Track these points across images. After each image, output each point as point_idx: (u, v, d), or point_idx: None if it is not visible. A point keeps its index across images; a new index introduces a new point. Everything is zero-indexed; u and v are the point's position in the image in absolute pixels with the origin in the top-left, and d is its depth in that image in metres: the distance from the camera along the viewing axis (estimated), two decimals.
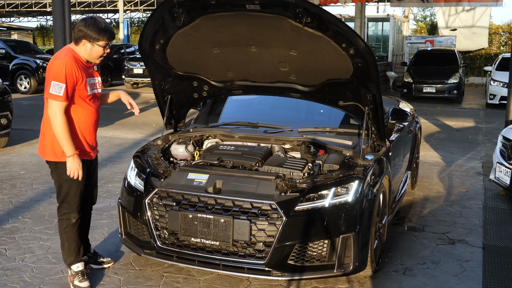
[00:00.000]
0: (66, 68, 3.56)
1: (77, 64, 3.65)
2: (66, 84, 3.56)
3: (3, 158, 8.05)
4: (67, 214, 3.81)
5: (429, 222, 5.43)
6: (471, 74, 24.17)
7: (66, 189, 3.77)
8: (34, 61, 17.41)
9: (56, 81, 3.55)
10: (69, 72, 3.57)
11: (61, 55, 3.65)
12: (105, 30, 3.68)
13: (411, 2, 18.70)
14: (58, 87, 3.54)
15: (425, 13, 32.89)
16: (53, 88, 3.55)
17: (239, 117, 5.13)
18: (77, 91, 3.67)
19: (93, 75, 3.84)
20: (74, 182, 3.75)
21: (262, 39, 3.95)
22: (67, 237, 3.84)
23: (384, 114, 4.39)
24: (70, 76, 3.58)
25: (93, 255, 4.23)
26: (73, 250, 3.86)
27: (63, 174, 3.73)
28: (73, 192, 3.78)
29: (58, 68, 3.56)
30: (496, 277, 4.19)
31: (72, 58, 3.64)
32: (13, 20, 40.31)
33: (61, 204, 3.83)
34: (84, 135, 3.80)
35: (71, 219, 3.82)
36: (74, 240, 3.86)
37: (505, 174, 5.96)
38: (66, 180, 3.75)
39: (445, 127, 11.71)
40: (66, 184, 3.76)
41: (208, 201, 3.78)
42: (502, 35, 25.05)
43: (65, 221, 3.83)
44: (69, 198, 3.79)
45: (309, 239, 3.67)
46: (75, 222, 3.84)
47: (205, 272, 4.11)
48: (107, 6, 31.65)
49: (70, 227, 3.83)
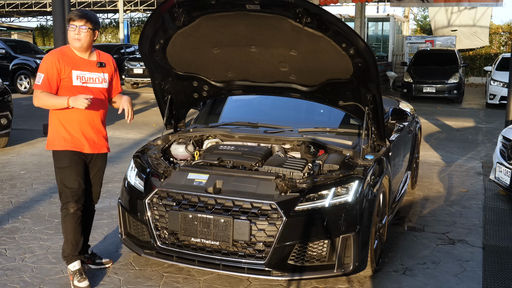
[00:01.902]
0: (45, 60, 3.84)
1: (62, 57, 3.84)
2: (47, 74, 3.79)
3: (3, 158, 8.05)
4: (66, 204, 3.88)
5: (429, 222, 5.43)
6: (471, 74, 24.16)
7: (60, 178, 3.90)
8: (34, 61, 17.40)
9: (39, 72, 3.84)
10: (48, 63, 3.81)
11: (50, 51, 3.94)
12: (76, 12, 3.87)
13: (411, 2, 18.69)
14: (39, 77, 3.82)
15: (425, 13, 32.86)
16: (37, 79, 3.85)
17: (239, 117, 5.12)
18: (63, 82, 3.84)
19: (89, 69, 3.93)
20: (67, 169, 3.86)
21: (262, 39, 3.95)
22: (65, 227, 3.90)
23: (384, 114, 4.38)
24: (49, 67, 3.80)
25: (91, 256, 4.23)
26: (69, 242, 3.89)
27: (56, 162, 3.93)
28: (66, 180, 3.87)
29: (43, 61, 3.86)
30: (496, 277, 4.19)
31: (58, 52, 3.88)
32: (13, 20, 40.31)
33: (60, 195, 3.93)
34: (69, 125, 3.88)
35: (69, 208, 3.87)
36: (71, 232, 3.88)
37: (505, 174, 5.96)
38: (59, 168, 3.90)
39: (445, 127, 11.71)
40: (59, 172, 3.91)
41: (208, 201, 3.78)
42: (502, 35, 25.05)
43: (63, 210, 3.91)
44: (64, 186, 3.88)
45: (309, 239, 3.67)
46: (73, 212, 3.87)
47: (205, 272, 4.11)
48: (107, 6, 31.64)
49: (68, 217, 3.88)
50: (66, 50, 3.91)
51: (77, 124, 3.90)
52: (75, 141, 3.90)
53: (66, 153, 3.87)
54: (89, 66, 3.94)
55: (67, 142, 3.87)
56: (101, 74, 3.99)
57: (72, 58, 3.89)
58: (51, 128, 3.93)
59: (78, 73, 3.87)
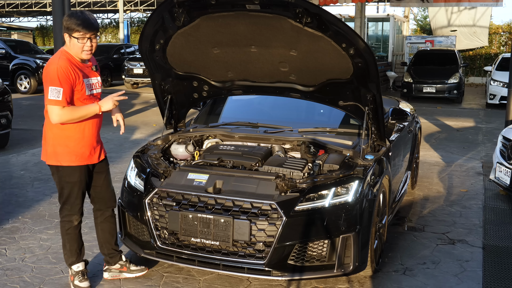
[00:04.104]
0: (58, 71, 3.50)
1: (71, 65, 3.57)
2: (64, 88, 3.50)
3: (3, 158, 8.05)
4: (69, 216, 3.79)
5: (429, 222, 5.43)
6: (471, 74, 24.16)
7: (67, 192, 3.75)
8: (34, 61, 17.41)
9: (53, 86, 3.50)
10: (63, 75, 3.50)
11: (54, 60, 3.59)
12: (82, 20, 3.54)
13: (411, 2, 18.70)
14: (56, 91, 3.49)
15: (425, 13, 32.85)
16: (51, 93, 3.50)
17: (239, 117, 5.12)
18: (75, 93, 3.61)
19: (91, 75, 3.74)
20: (76, 185, 3.74)
21: (262, 39, 3.95)
22: (69, 238, 3.83)
23: (384, 114, 4.38)
24: (65, 79, 3.51)
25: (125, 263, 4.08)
26: (74, 251, 3.85)
27: (64, 177, 3.72)
28: (74, 194, 3.76)
29: (53, 74, 3.51)
30: (496, 277, 4.19)
31: (65, 60, 3.56)
32: (13, 20, 40.32)
33: (62, 206, 3.81)
34: (83, 137, 3.71)
35: (73, 221, 3.80)
36: (76, 241, 3.84)
37: (505, 174, 5.96)
38: (67, 183, 3.73)
39: (445, 127, 11.71)
40: (67, 186, 3.74)
41: (208, 201, 3.77)
42: (502, 35, 25.05)
43: (67, 223, 3.81)
44: (70, 200, 3.77)
45: (309, 239, 3.67)
46: (77, 224, 3.82)
47: (205, 272, 4.11)
48: (107, 6, 31.66)
49: (72, 229, 3.82)
50: (70, 58, 3.62)
51: (90, 133, 3.73)
52: (85, 154, 3.73)
53: (76, 168, 3.71)
54: (89, 71, 3.73)
55: (78, 157, 3.69)
56: (98, 78, 3.82)
57: (78, 65, 3.64)
58: (55, 142, 3.67)
59: (86, 81, 3.66)
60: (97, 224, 4.02)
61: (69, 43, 3.60)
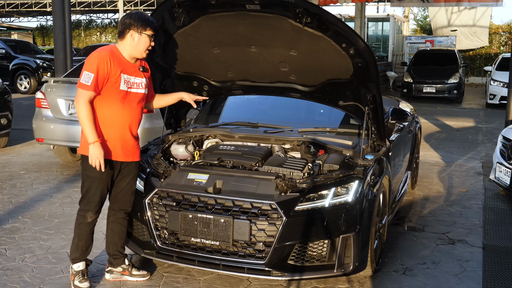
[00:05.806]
0: (98, 58, 3.58)
1: (113, 58, 3.63)
2: (97, 75, 3.55)
3: (3, 158, 8.05)
4: (84, 211, 3.80)
5: (429, 222, 5.43)
6: (471, 74, 24.17)
7: (87, 185, 3.77)
8: (34, 61, 17.41)
9: (87, 71, 3.57)
10: (101, 63, 3.57)
11: (99, 49, 3.68)
12: (151, 20, 3.72)
13: (411, 2, 18.70)
14: (87, 76, 3.55)
15: (425, 13, 32.85)
16: (83, 78, 3.56)
17: (239, 117, 5.12)
18: (109, 84, 3.63)
19: (135, 74, 3.77)
20: (95, 180, 3.73)
21: (262, 39, 3.95)
22: (79, 233, 3.83)
23: (384, 114, 4.38)
24: (102, 67, 3.56)
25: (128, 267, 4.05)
26: (80, 248, 3.84)
27: (86, 169, 3.73)
28: (92, 190, 3.75)
29: (92, 59, 3.59)
30: (496, 277, 4.19)
31: (109, 51, 3.64)
32: (13, 20, 40.28)
33: (81, 199, 3.83)
34: (107, 132, 3.71)
35: (86, 217, 3.79)
36: (84, 238, 3.83)
37: (505, 174, 5.96)
38: (88, 177, 3.75)
39: (445, 127, 11.71)
40: (87, 180, 3.76)
41: (208, 201, 3.77)
42: (502, 35, 25.06)
43: (81, 217, 3.82)
44: (88, 195, 3.78)
45: (309, 239, 3.67)
46: (90, 221, 3.81)
47: (205, 272, 4.11)
48: (107, 6, 31.63)
49: (84, 225, 3.81)
50: (115, 51, 3.69)
51: (118, 129, 3.73)
52: (110, 148, 3.72)
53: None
54: (134, 70, 3.77)
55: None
56: (143, 79, 3.84)
57: (121, 60, 3.69)
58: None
59: (126, 77, 3.69)
60: (109, 223, 4.01)
61: (135, 40, 3.68)
